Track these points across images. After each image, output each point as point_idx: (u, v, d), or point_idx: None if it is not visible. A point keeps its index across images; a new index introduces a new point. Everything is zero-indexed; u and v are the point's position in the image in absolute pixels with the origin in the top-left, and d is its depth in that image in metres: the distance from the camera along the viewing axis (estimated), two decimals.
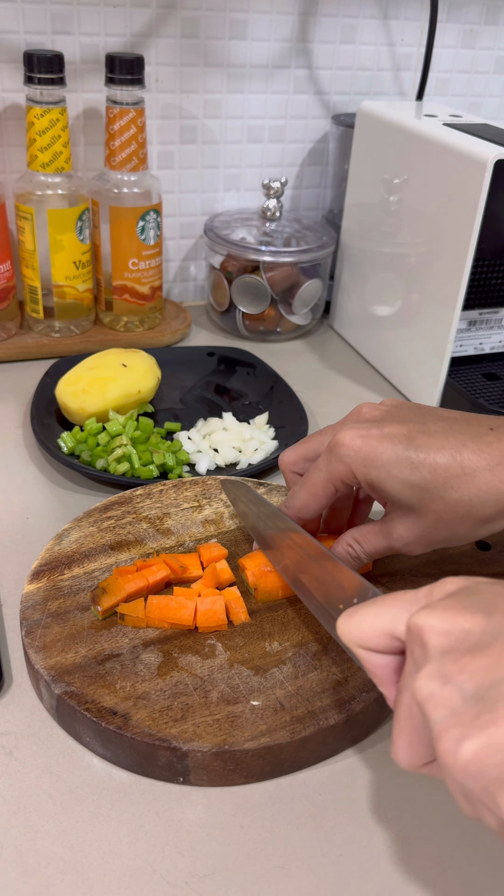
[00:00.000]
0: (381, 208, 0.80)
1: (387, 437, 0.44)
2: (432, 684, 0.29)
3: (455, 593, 0.32)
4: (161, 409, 0.75)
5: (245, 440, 0.69)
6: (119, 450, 0.64)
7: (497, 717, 0.26)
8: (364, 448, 0.44)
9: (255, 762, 0.42)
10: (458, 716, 0.28)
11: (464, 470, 0.42)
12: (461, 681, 0.28)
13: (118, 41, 0.82)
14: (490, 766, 0.26)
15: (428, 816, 0.41)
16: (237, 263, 0.87)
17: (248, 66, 0.88)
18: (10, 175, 0.83)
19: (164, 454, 0.63)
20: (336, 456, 0.45)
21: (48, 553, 0.52)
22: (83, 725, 0.43)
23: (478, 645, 0.29)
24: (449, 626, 0.30)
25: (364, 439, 0.44)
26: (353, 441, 0.44)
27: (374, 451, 0.44)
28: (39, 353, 0.83)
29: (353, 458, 0.44)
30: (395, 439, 0.44)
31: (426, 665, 0.30)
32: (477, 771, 0.26)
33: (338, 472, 0.45)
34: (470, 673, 0.28)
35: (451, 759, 0.27)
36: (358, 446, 0.44)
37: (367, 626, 0.34)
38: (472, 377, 0.81)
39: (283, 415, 0.74)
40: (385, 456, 0.43)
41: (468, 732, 0.27)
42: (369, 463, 0.44)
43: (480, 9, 0.94)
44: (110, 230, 0.81)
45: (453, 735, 0.27)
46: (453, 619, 0.30)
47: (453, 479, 0.42)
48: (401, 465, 0.43)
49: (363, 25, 0.90)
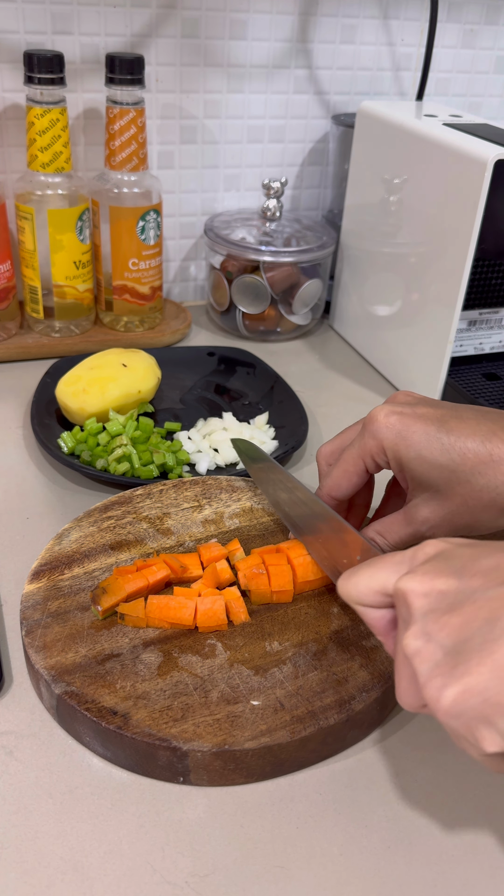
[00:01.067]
0: (381, 208, 0.80)
1: (420, 417, 0.45)
2: (417, 642, 0.33)
3: (434, 556, 0.36)
4: (161, 409, 0.75)
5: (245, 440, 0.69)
6: (119, 450, 0.64)
7: (471, 667, 0.31)
8: (397, 425, 0.45)
9: (256, 762, 0.42)
10: (439, 667, 0.32)
11: (492, 457, 0.43)
12: (441, 638, 0.33)
13: (118, 41, 0.82)
14: (468, 708, 0.31)
15: (428, 816, 0.41)
16: (237, 263, 0.87)
17: (248, 66, 0.88)
18: (10, 175, 0.83)
19: (164, 454, 0.64)
20: (369, 431, 0.46)
21: (48, 553, 0.52)
22: (83, 725, 0.43)
23: (452, 605, 0.33)
24: (427, 589, 0.34)
25: (399, 417, 0.46)
26: (388, 418, 0.46)
27: (408, 429, 0.45)
28: (39, 353, 0.83)
29: (386, 435, 0.46)
30: (427, 420, 0.45)
31: (412, 625, 0.34)
32: (458, 712, 0.31)
33: (369, 447, 0.47)
34: (448, 631, 0.32)
35: (436, 704, 0.32)
36: (392, 423, 0.46)
37: (363, 587, 0.38)
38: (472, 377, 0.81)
39: (283, 415, 0.74)
40: (417, 436, 0.45)
41: (448, 682, 0.31)
42: (401, 441, 0.45)
43: (480, 9, 0.94)
44: (110, 230, 0.81)
45: (436, 684, 0.32)
46: (431, 582, 0.34)
47: (482, 465, 0.43)
48: (432, 446, 0.44)
49: (363, 25, 0.90)
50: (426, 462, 0.45)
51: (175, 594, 0.48)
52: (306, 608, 0.49)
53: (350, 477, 0.49)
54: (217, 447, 0.68)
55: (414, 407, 0.46)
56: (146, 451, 0.64)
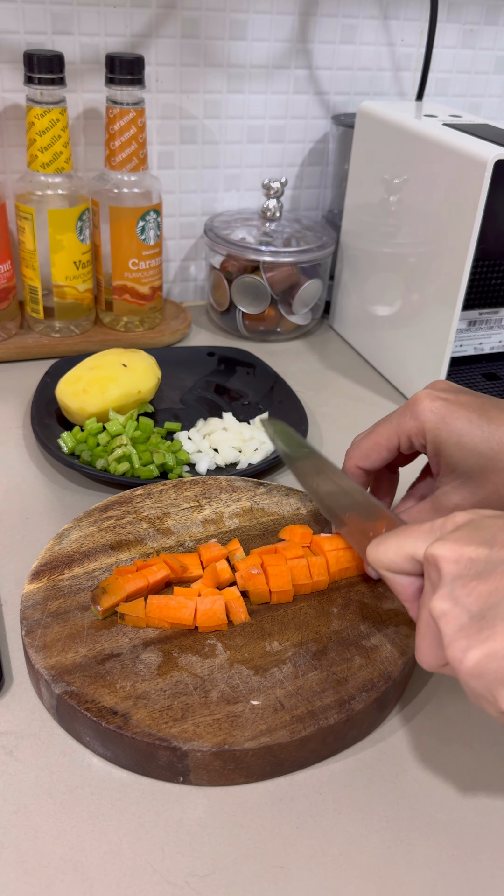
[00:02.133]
0: (381, 208, 0.80)
1: (463, 404, 0.47)
2: (445, 604, 0.35)
3: (464, 525, 0.37)
4: (161, 409, 0.75)
5: (245, 440, 0.69)
6: (119, 450, 0.64)
7: (495, 633, 0.33)
8: (442, 410, 0.47)
9: (255, 762, 0.42)
10: (464, 630, 0.34)
11: None
12: (468, 602, 0.34)
13: (118, 41, 0.82)
14: (490, 670, 0.33)
15: (428, 816, 0.41)
16: (237, 263, 0.87)
17: (248, 66, 0.88)
18: (10, 175, 0.83)
19: (164, 454, 0.64)
20: (412, 412, 0.48)
21: (48, 553, 0.52)
22: (83, 725, 0.43)
23: (481, 573, 0.34)
24: (458, 556, 0.35)
25: (444, 403, 0.47)
26: (434, 402, 0.47)
27: (452, 415, 0.47)
28: (39, 353, 0.83)
29: (429, 417, 0.47)
30: (469, 408, 0.47)
31: (440, 588, 0.35)
32: (479, 674, 0.33)
33: (408, 427, 0.48)
34: (475, 597, 0.34)
35: (459, 664, 0.33)
36: (437, 408, 0.47)
37: (392, 553, 0.39)
38: (472, 377, 0.81)
39: (283, 415, 0.74)
40: (460, 422, 0.46)
41: (472, 644, 0.33)
42: (443, 425, 0.47)
43: (480, 9, 0.94)
44: (110, 230, 0.81)
45: (460, 646, 0.34)
46: (461, 549, 0.35)
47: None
48: (473, 433, 0.46)
49: (363, 25, 0.90)
50: (465, 448, 0.46)
51: (175, 594, 0.48)
52: (306, 608, 0.49)
53: (380, 450, 0.50)
54: (217, 447, 0.68)
55: (457, 395, 0.48)
56: (146, 451, 0.64)
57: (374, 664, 0.46)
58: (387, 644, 0.47)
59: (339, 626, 0.48)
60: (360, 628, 0.48)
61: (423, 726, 0.46)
